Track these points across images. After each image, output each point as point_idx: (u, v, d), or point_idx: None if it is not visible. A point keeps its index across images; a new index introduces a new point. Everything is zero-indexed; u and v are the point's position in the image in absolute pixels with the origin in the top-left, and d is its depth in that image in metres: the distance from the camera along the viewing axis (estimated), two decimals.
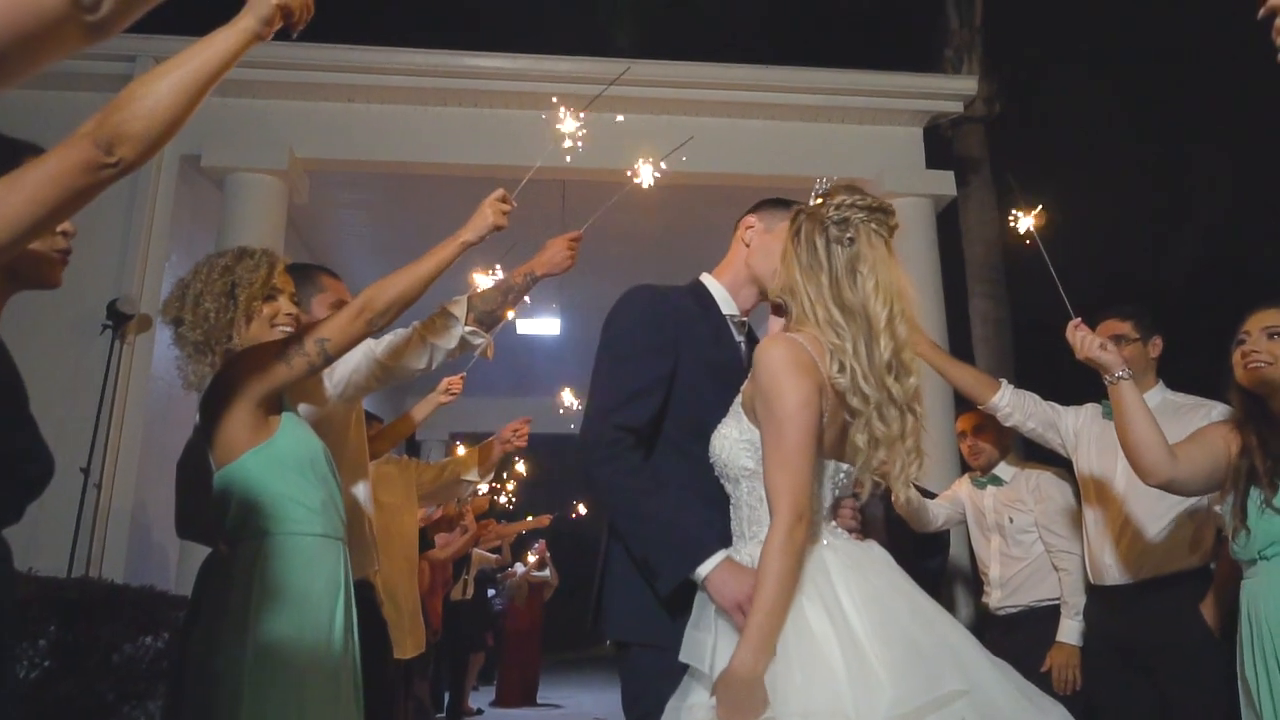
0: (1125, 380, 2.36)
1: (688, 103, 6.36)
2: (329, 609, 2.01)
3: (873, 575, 1.64)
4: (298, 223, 6.91)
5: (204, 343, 2.15)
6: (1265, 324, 2.37)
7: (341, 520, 2.15)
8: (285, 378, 2.06)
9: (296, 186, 6.22)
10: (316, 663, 1.95)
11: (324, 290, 2.72)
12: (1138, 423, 2.34)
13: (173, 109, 1.34)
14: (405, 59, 6.12)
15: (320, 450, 2.13)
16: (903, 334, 1.75)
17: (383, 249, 7.89)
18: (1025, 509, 3.63)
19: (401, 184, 6.77)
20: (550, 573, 10.55)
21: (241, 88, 5.99)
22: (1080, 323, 2.47)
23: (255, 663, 1.87)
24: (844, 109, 6.56)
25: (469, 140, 6.26)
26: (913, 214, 6.44)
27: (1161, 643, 2.89)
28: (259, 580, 1.94)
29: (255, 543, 1.99)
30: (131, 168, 1.30)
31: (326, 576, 2.03)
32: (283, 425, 2.09)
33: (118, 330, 5.37)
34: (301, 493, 2.04)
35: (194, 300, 2.17)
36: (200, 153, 5.89)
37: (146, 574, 4.94)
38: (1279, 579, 2.19)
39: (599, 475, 1.84)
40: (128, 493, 5.43)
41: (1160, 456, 2.33)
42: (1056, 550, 3.48)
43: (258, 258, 2.27)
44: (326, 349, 2.09)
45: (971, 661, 1.53)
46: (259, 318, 2.22)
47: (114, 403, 5.36)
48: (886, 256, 1.81)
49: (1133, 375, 3.03)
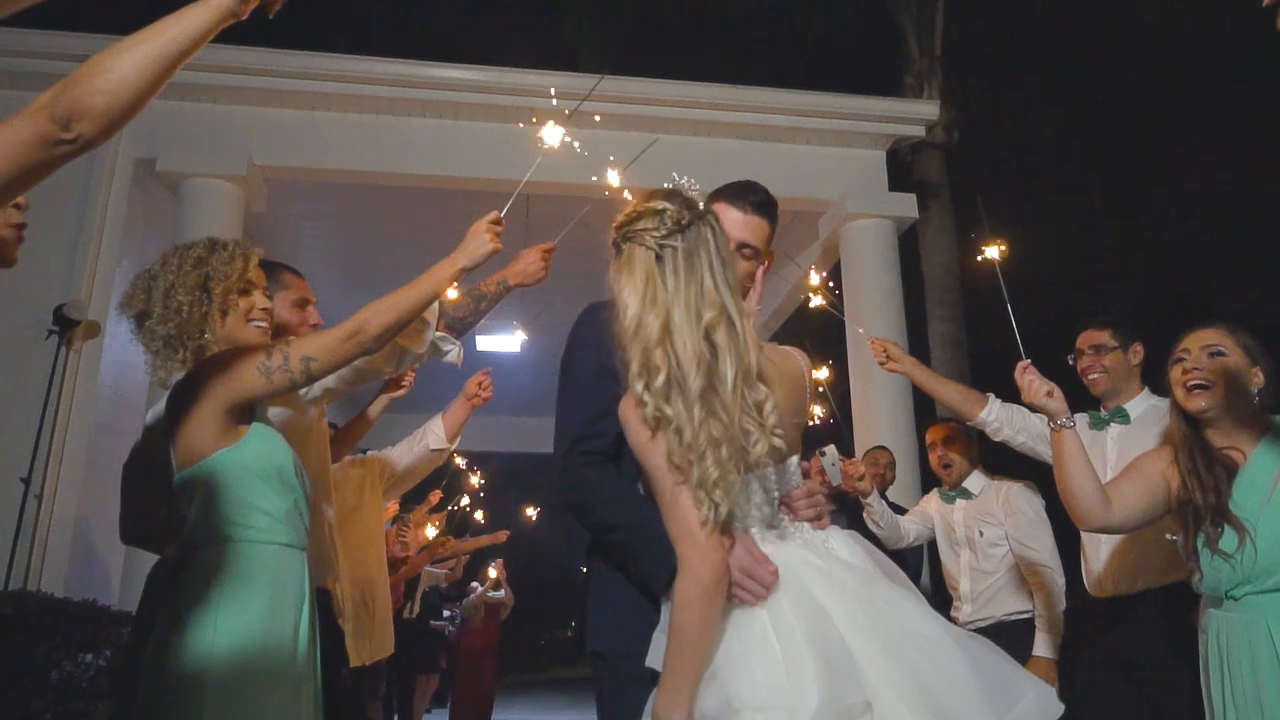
0: (1068, 429, 2.35)
1: (653, 120, 6.37)
2: (294, 619, 1.95)
3: (818, 582, 1.56)
4: (255, 232, 6.78)
5: (176, 337, 2.07)
6: (1205, 343, 2.36)
7: (305, 529, 2.08)
8: (262, 390, 1.98)
9: (254, 194, 6.11)
10: (281, 673, 1.88)
11: (287, 288, 2.65)
12: (1074, 472, 2.33)
13: (136, 86, 1.27)
14: (369, 68, 6.06)
15: (290, 458, 2.06)
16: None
17: (342, 260, 7.79)
18: (995, 522, 3.66)
19: (362, 194, 6.69)
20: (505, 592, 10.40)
21: (200, 91, 5.89)
22: (1029, 365, 2.44)
23: (217, 674, 1.80)
24: (809, 130, 6.62)
25: (432, 151, 6.20)
26: (875, 235, 6.52)
27: (1154, 654, 2.89)
28: (220, 588, 1.87)
29: (216, 548, 1.92)
30: (90, 145, 1.24)
31: (291, 586, 1.97)
32: (252, 431, 2.01)
33: (64, 336, 5.21)
34: (266, 500, 1.97)
35: (164, 293, 2.08)
36: (155, 156, 5.77)
37: (89, 589, 4.77)
38: (1251, 619, 2.15)
39: (577, 501, 1.80)
40: (71, 504, 5.25)
41: (1093, 504, 2.33)
42: (1029, 563, 3.50)
43: (232, 249, 2.19)
44: (312, 369, 2.01)
45: (878, 673, 1.45)
46: (234, 312, 2.14)
47: (58, 411, 5.18)
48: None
49: (1114, 390, 3.10)
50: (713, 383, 1.56)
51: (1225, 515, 2.20)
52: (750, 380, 1.60)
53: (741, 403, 1.57)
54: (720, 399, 1.55)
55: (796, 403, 1.78)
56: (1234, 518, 2.19)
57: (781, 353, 1.85)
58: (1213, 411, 2.30)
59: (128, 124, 1.28)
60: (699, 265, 1.61)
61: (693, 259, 1.62)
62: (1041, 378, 2.37)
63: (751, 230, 1.98)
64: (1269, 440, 2.26)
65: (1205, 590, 2.27)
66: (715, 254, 1.64)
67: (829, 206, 6.70)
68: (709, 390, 1.55)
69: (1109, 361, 3.11)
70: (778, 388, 1.68)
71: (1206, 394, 2.30)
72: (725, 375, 1.57)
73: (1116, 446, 3.08)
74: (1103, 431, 3.15)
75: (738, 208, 1.98)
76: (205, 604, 1.85)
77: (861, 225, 6.53)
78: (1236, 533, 2.17)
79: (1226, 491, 2.23)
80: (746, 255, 1.96)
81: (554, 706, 12.62)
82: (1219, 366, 2.31)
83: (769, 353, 1.78)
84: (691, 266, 1.61)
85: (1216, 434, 2.32)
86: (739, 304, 1.63)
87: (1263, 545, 2.14)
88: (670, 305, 1.59)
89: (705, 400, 1.54)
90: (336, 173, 6.22)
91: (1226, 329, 2.38)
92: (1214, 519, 2.21)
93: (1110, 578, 3.05)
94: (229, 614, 1.85)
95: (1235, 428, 2.30)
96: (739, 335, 1.60)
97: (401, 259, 7.34)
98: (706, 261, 1.62)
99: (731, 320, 1.60)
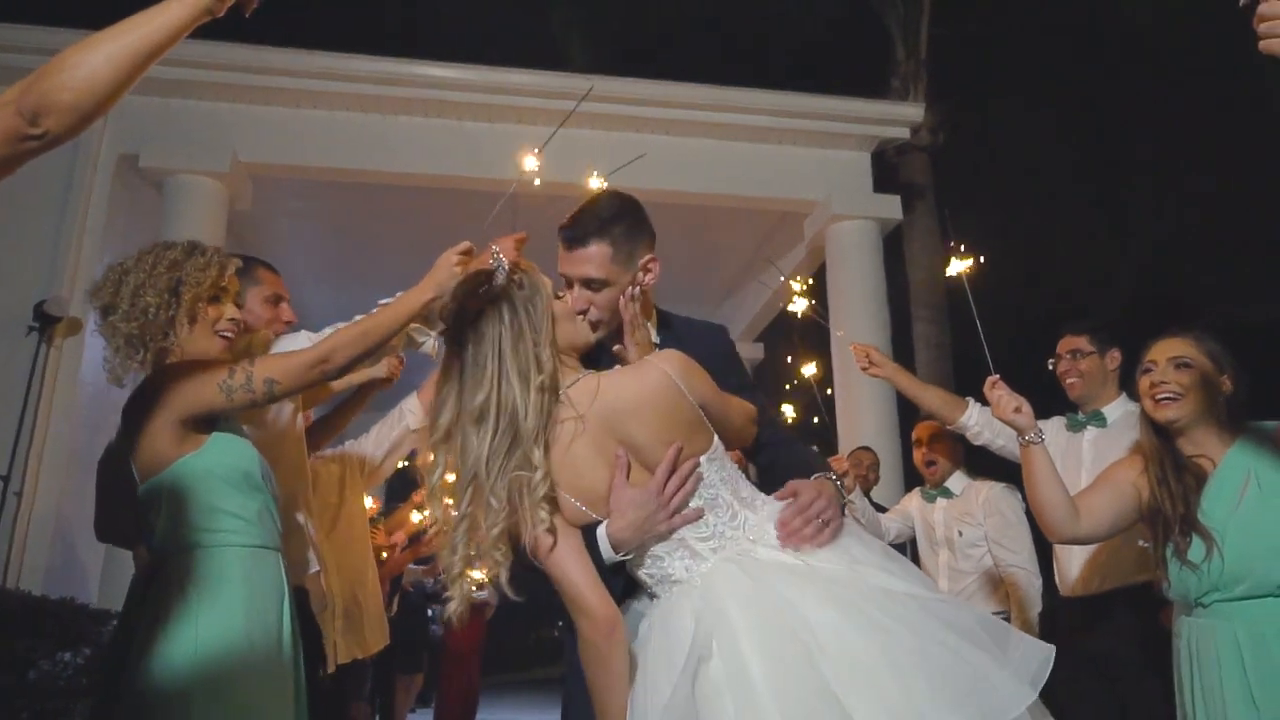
0: (1036, 445, 2.36)
1: (639, 120, 6.38)
2: (274, 618, 1.94)
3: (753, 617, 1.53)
4: (241, 229, 6.76)
5: (138, 338, 2.04)
6: (1171, 354, 2.35)
7: (278, 530, 2.07)
8: (222, 407, 1.97)
9: (239, 191, 6.08)
10: (266, 673, 1.88)
11: (260, 284, 2.64)
12: (1043, 486, 2.36)
13: (107, 82, 1.24)
14: (354, 65, 6.04)
15: (255, 461, 2.05)
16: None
17: (328, 258, 7.76)
18: (974, 522, 3.69)
19: (348, 192, 6.66)
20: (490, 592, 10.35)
21: (185, 88, 5.86)
22: (998, 380, 2.44)
23: (201, 678, 1.79)
24: (794, 131, 6.65)
25: (418, 149, 6.19)
26: (859, 237, 6.55)
27: (1124, 653, 2.92)
28: (197, 594, 1.86)
29: (187, 555, 1.91)
30: (57, 141, 1.22)
31: (268, 586, 1.96)
32: (213, 437, 2.00)
33: (44, 333, 5.17)
34: (234, 504, 1.97)
35: (133, 291, 2.05)
36: (139, 152, 5.74)
37: (68, 586, 4.74)
38: (1220, 626, 2.16)
39: None
40: (50, 502, 5.21)
41: (1061, 518, 2.35)
42: (1006, 564, 3.53)
43: (209, 256, 2.16)
44: (274, 390, 2.00)
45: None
46: (202, 320, 2.11)
47: (38, 408, 5.15)
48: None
49: (1091, 394, 3.12)
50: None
51: (1193, 525, 2.21)
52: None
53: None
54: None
55: (671, 420, 1.68)
56: (1202, 527, 2.19)
57: (629, 381, 1.72)
58: (1182, 422, 2.31)
59: (98, 120, 1.27)
60: (504, 347, 1.66)
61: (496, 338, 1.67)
62: (1011, 393, 2.37)
63: (574, 263, 1.87)
64: (1237, 448, 2.27)
65: (1174, 598, 2.28)
66: (519, 332, 1.67)
67: (813, 208, 6.72)
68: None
69: (1085, 367, 3.14)
70: (632, 419, 1.66)
71: (1175, 405, 2.30)
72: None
73: (1092, 450, 3.11)
74: (1079, 434, 3.18)
75: (563, 246, 1.90)
76: (184, 611, 1.84)
77: (846, 226, 6.55)
78: (1204, 542, 2.17)
79: (1195, 501, 2.24)
80: (594, 288, 1.85)
81: (539, 706, 12.60)
82: (1187, 378, 2.31)
83: (614, 383, 1.71)
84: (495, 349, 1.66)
85: (1186, 442, 2.33)
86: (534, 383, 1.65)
87: (1230, 554, 2.14)
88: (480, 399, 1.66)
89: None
90: (321, 170, 6.20)
91: (1192, 338, 2.38)
92: (1182, 528, 2.22)
93: (1081, 578, 3.08)
94: (208, 619, 1.84)
95: (1205, 436, 2.31)
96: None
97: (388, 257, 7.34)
98: (516, 339, 1.66)
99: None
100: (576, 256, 1.84)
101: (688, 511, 1.64)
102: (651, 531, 1.63)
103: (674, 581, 1.65)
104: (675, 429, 1.67)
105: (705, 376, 1.74)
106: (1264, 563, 2.13)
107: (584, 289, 1.84)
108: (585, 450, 1.66)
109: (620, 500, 1.63)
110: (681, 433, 1.67)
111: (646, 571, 1.68)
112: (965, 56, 9.48)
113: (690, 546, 1.65)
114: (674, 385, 1.67)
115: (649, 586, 1.70)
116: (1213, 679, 2.16)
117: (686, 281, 8.10)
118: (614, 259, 1.84)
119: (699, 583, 1.61)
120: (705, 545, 1.65)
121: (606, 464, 1.66)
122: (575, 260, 1.84)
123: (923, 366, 7.84)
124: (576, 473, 1.66)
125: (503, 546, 1.61)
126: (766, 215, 7.19)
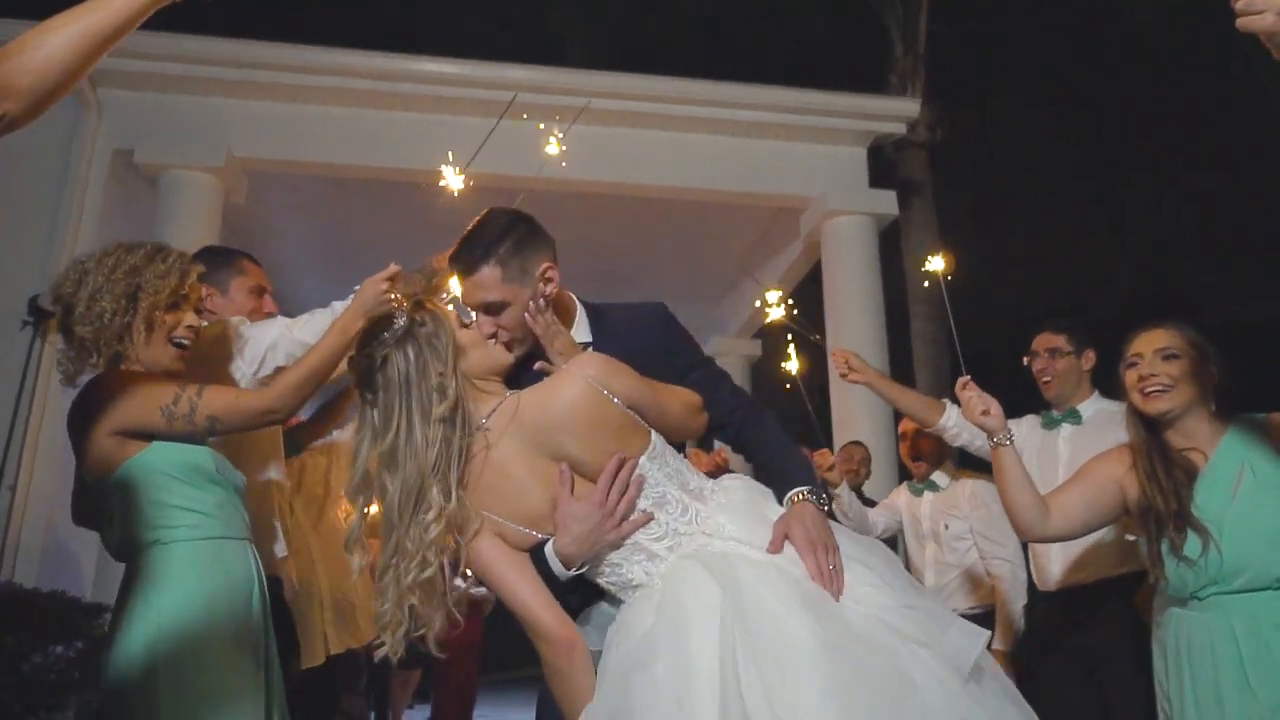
0: (1005, 447, 2.36)
1: (635, 115, 6.37)
2: (242, 608, 1.95)
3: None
4: (236, 224, 6.76)
5: (92, 342, 2.03)
6: (1157, 346, 2.33)
7: (244, 520, 2.07)
8: (159, 430, 1.96)
9: (234, 186, 6.08)
10: (230, 662, 1.89)
11: (244, 274, 2.64)
12: (1013, 487, 2.36)
13: (66, 65, 1.24)
14: (351, 60, 6.04)
15: (206, 455, 2.04)
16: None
17: (323, 253, 7.76)
18: (960, 515, 3.72)
19: (343, 187, 6.66)
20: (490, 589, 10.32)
21: (180, 83, 5.86)
22: (968, 381, 2.43)
23: (164, 670, 1.80)
24: (789, 126, 6.64)
25: (416, 145, 6.18)
26: (855, 232, 6.54)
27: (1104, 646, 2.92)
28: (157, 591, 1.87)
29: (146, 553, 1.92)
30: (15, 125, 1.22)
31: (234, 577, 1.96)
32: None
33: (39, 327, 5.16)
34: (189, 499, 1.97)
35: (90, 294, 2.03)
36: (134, 147, 5.74)
37: (62, 581, 4.74)
38: (1216, 619, 2.15)
39: None
40: (44, 496, 5.22)
41: (1032, 518, 2.35)
42: (991, 557, 3.55)
43: (170, 263, 2.12)
44: (216, 427, 2.00)
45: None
46: (159, 328, 2.09)
47: (32, 402, 5.15)
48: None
49: (1065, 394, 3.13)
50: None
51: (1188, 519, 2.19)
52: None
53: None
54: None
55: (604, 427, 1.66)
56: (1197, 522, 2.17)
57: (553, 393, 1.70)
58: (1174, 413, 2.29)
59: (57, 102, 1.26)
60: (401, 393, 1.66)
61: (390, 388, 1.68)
62: (981, 395, 2.36)
63: (469, 291, 1.84)
64: (1229, 440, 2.25)
65: (1170, 593, 2.25)
66: (422, 372, 1.67)
67: (809, 203, 6.71)
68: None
69: (1061, 366, 3.16)
70: (564, 431, 1.65)
71: (1166, 397, 2.28)
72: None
73: (1069, 447, 3.12)
74: (1055, 432, 3.19)
75: (457, 276, 1.87)
76: (145, 608, 1.85)
77: (842, 222, 6.55)
78: (1200, 537, 2.15)
79: (1188, 495, 2.22)
80: (494, 311, 1.81)
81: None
82: (1176, 369, 2.29)
83: (536, 398, 1.70)
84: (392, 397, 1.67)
85: (1176, 435, 2.31)
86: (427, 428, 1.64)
87: (1228, 547, 2.13)
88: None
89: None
90: (317, 165, 6.20)
91: (1176, 328, 2.36)
92: (1176, 524, 2.19)
93: (1064, 571, 3.08)
94: (169, 613, 1.85)
95: (1195, 427, 2.29)
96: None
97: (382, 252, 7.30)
98: (411, 384, 1.67)
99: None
100: (469, 284, 1.82)
101: (636, 517, 1.63)
102: (601, 543, 1.61)
103: (635, 586, 1.64)
104: (606, 436, 1.64)
105: (630, 375, 1.70)
106: (1263, 555, 2.12)
107: (485, 314, 1.81)
108: (519, 472, 1.65)
109: (564, 516, 1.62)
110: (614, 438, 1.64)
111: (607, 580, 1.67)
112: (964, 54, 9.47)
113: (646, 549, 1.64)
114: (596, 391, 1.64)
115: (614, 594, 1.69)
116: (1205, 671, 2.14)
117: (685, 278, 8.09)
118: (505, 279, 1.80)
119: (659, 584, 1.61)
120: (661, 545, 1.64)
121: (542, 483, 1.65)
122: (469, 288, 1.82)
123: (921, 363, 7.84)
124: (514, 497, 1.65)
125: (420, 593, 1.61)
126: (763, 211, 7.18)
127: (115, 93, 5.85)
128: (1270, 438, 2.23)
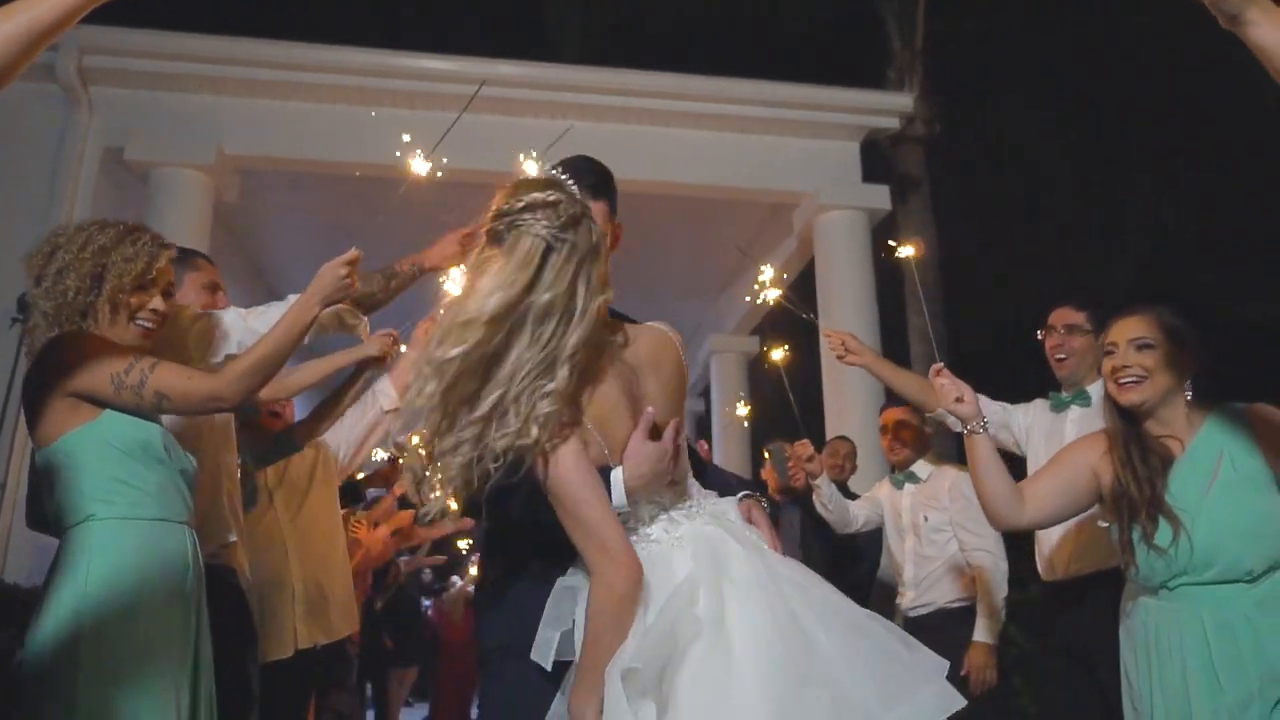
0: (978, 435, 2.32)
1: (627, 110, 6.36)
2: (175, 593, 1.93)
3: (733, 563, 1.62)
4: (229, 222, 6.76)
5: (53, 316, 2.03)
6: (1131, 335, 2.29)
7: (187, 504, 2.05)
8: (107, 398, 1.95)
9: (225, 183, 6.09)
10: (155, 647, 1.87)
11: (199, 270, 2.66)
12: (986, 477, 2.32)
13: (2, 60, 1.26)
14: (342, 57, 6.04)
15: (156, 433, 2.02)
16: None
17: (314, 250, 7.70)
18: (940, 507, 3.68)
19: (335, 184, 6.65)
20: None
21: (170, 80, 5.87)
22: (942, 368, 2.41)
23: (87, 650, 1.79)
24: (781, 121, 6.62)
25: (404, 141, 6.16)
26: (848, 227, 6.52)
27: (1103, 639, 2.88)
28: (87, 566, 1.85)
29: (82, 528, 1.90)
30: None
31: (165, 561, 1.94)
32: (108, 411, 1.97)
33: (28, 324, 5.17)
34: (133, 475, 1.95)
35: (58, 270, 2.04)
36: (124, 145, 5.75)
37: None
38: (1184, 610, 2.13)
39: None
40: None
41: (1005, 508, 2.32)
42: (971, 548, 3.52)
43: (139, 247, 2.11)
44: (162, 405, 1.97)
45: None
46: (123, 309, 2.08)
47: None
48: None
49: (1079, 374, 3.07)
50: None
51: (1161, 508, 2.17)
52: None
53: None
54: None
55: (677, 384, 1.78)
56: (1170, 511, 2.15)
57: (652, 335, 1.79)
58: (1148, 405, 2.27)
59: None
60: (580, 264, 1.59)
61: (574, 256, 1.59)
62: (954, 381, 2.34)
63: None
64: (1207, 430, 2.22)
65: (1140, 582, 2.23)
66: (593, 254, 1.62)
67: (802, 199, 6.69)
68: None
69: (1078, 344, 3.06)
70: (653, 374, 1.72)
71: (1138, 389, 2.25)
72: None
73: (1076, 429, 3.04)
74: (1062, 414, 3.13)
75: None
76: (75, 586, 1.83)
77: (834, 217, 6.53)
78: (1171, 526, 2.13)
79: (1162, 483, 2.20)
80: None
81: None
82: (1150, 360, 2.26)
83: (640, 335, 1.77)
84: (573, 264, 1.59)
85: (1154, 423, 2.28)
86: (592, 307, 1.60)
87: (1200, 537, 2.10)
88: (546, 299, 1.56)
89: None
90: (308, 162, 6.20)
91: (1152, 315, 2.31)
92: (1149, 512, 2.17)
93: (1060, 561, 3.04)
94: (97, 591, 1.83)
95: (1172, 415, 2.27)
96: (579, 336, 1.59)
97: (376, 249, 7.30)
98: (588, 261, 1.61)
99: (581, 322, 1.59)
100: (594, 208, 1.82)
101: (677, 475, 1.71)
102: (653, 489, 1.65)
103: (653, 541, 1.66)
104: (676, 396, 1.76)
105: None
106: (1234, 548, 2.09)
107: None
108: (615, 393, 1.66)
109: (639, 452, 1.63)
110: (677, 401, 1.76)
111: (628, 528, 1.66)
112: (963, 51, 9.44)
113: (669, 512, 1.68)
114: (680, 356, 1.79)
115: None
116: (1172, 662, 2.12)
117: (681, 275, 8.07)
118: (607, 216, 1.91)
119: (685, 536, 1.65)
120: (680, 513, 1.68)
121: (630, 411, 1.67)
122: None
123: (915, 358, 7.81)
124: (610, 418, 1.66)
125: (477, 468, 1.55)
126: (758, 208, 7.16)
127: (106, 90, 5.87)
128: (1250, 428, 2.20)
